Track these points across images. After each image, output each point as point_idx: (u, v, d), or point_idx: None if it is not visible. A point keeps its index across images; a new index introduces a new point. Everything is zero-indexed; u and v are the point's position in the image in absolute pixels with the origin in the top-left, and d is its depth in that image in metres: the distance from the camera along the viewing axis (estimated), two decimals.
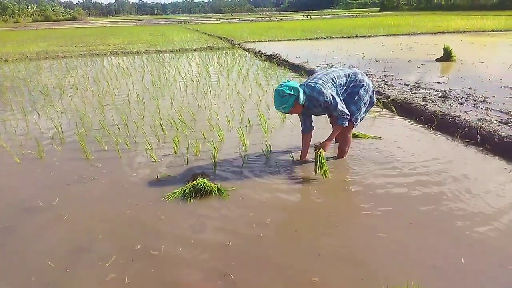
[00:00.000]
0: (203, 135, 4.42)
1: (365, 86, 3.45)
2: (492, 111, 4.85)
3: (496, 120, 4.41)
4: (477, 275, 2.09)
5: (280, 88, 3.19)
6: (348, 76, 3.43)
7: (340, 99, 3.35)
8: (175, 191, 3.10)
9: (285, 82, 3.27)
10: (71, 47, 15.12)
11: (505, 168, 3.37)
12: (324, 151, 3.38)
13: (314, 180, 3.31)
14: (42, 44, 16.85)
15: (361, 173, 3.41)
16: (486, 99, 5.39)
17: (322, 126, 4.44)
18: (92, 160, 3.88)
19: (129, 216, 2.83)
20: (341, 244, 2.41)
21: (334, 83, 3.35)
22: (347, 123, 3.40)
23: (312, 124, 3.61)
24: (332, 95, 3.26)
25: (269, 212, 2.81)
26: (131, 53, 12.81)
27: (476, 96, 5.59)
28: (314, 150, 3.44)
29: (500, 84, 6.42)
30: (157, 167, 3.66)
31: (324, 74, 3.40)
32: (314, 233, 2.55)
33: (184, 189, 3.10)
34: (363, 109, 3.51)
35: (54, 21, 73.10)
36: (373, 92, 3.56)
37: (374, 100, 3.61)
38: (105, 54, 12.64)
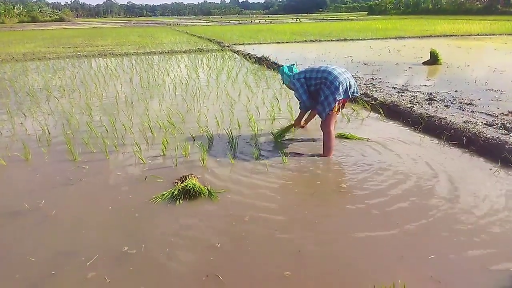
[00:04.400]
0: (192, 137, 4.41)
1: (329, 83, 3.71)
2: (477, 113, 4.94)
3: (482, 122, 4.50)
4: (463, 276, 2.13)
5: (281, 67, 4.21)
6: (318, 71, 3.86)
7: (303, 89, 3.87)
8: (164, 192, 3.09)
9: (285, 65, 4.21)
10: (58, 48, 14.93)
11: (490, 169, 3.44)
12: (294, 127, 4.27)
13: (303, 181, 3.33)
14: (29, 45, 16.60)
15: (347, 173, 3.45)
16: (472, 102, 5.49)
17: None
18: (79, 162, 3.84)
19: (116, 218, 2.81)
20: (322, 242, 2.44)
21: (305, 74, 3.92)
22: (303, 109, 4.01)
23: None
24: (294, 83, 3.93)
25: (259, 213, 2.81)
26: (120, 55, 12.71)
27: (462, 99, 5.69)
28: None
29: (485, 87, 6.54)
30: (145, 169, 3.64)
31: (310, 66, 4.12)
32: (299, 231, 2.57)
33: (173, 190, 3.09)
34: (328, 104, 3.72)
35: (41, 22, 72.08)
36: (345, 80, 3.76)
37: (350, 95, 3.82)
38: (93, 56, 12.52)
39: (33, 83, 7.97)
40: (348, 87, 3.77)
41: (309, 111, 4.10)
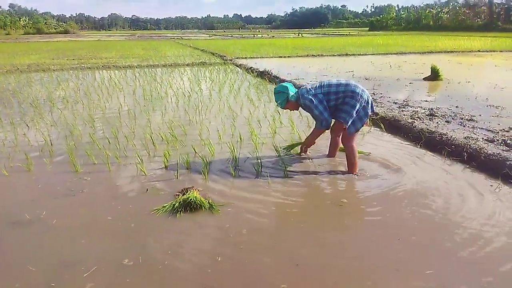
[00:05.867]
0: (194, 150, 4.43)
1: (356, 96, 3.62)
2: (478, 129, 4.96)
3: (482, 138, 4.51)
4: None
5: (276, 86, 3.90)
6: (340, 85, 3.68)
7: (324, 106, 3.65)
8: (165, 205, 3.09)
9: (283, 84, 3.88)
10: (62, 60, 15.10)
11: (491, 185, 3.44)
12: (304, 150, 4.16)
13: (305, 194, 3.34)
14: (34, 57, 16.81)
15: (348, 187, 3.45)
16: (473, 118, 5.52)
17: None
18: (81, 173, 3.85)
19: (116, 230, 2.81)
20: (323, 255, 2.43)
21: (321, 89, 3.69)
22: (322, 127, 3.76)
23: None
24: (311, 99, 3.64)
25: (259, 226, 2.81)
26: (123, 67, 12.84)
27: (463, 115, 5.71)
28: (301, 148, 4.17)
29: (486, 103, 6.58)
30: (147, 181, 3.65)
31: (319, 81, 3.86)
32: (297, 245, 2.56)
33: (173, 203, 3.09)
34: (355, 117, 3.66)
35: (46, 33, 73.00)
36: (367, 103, 3.70)
37: (369, 111, 3.75)
38: (96, 68, 12.65)
39: (36, 94, 8.04)
40: (371, 103, 3.77)
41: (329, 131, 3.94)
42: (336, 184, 3.57)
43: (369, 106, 3.73)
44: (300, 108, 3.93)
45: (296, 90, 3.88)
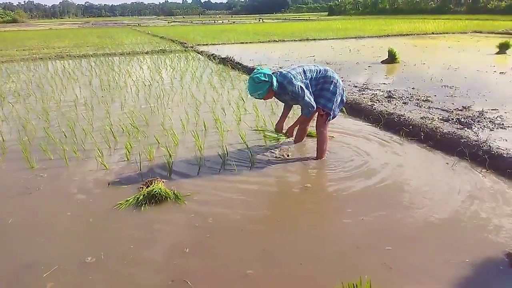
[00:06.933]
0: (157, 140, 4.32)
1: (336, 83, 3.63)
2: (434, 109, 5.17)
3: (438, 118, 4.71)
4: (422, 269, 2.22)
5: (255, 75, 3.35)
6: (320, 72, 3.60)
7: (309, 92, 3.50)
8: (128, 198, 3.00)
9: (259, 70, 3.42)
10: (11, 51, 14.16)
11: (447, 163, 3.60)
12: (288, 136, 3.89)
13: (271, 181, 3.36)
14: None
15: (314, 171, 3.51)
16: (428, 98, 5.74)
17: None
18: (37, 170, 3.66)
19: (76, 226, 2.70)
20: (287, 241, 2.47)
21: (306, 75, 3.51)
22: (310, 114, 3.60)
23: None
24: (300, 86, 3.41)
25: (225, 214, 2.80)
26: (78, 57, 12.25)
27: (419, 96, 5.93)
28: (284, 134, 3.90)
29: (440, 84, 6.86)
30: (108, 175, 3.53)
31: (298, 66, 3.59)
32: (263, 230, 2.58)
33: (137, 196, 3.01)
34: (336, 104, 3.64)
35: None
36: (343, 90, 3.73)
37: (344, 98, 3.79)
38: (49, 58, 11.99)
39: None
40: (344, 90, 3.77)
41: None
42: (302, 170, 3.61)
43: (344, 93, 3.77)
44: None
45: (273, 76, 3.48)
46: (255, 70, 3.44)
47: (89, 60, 11.27)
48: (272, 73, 3.45)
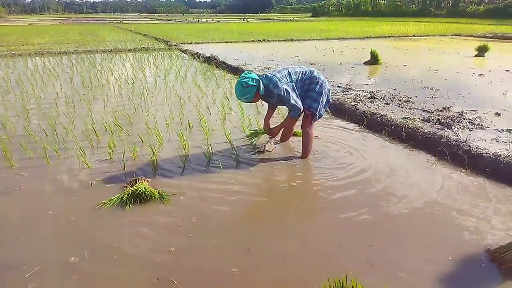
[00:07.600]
0: (141, 139, 4.28)
1: (321, 83, 3.66)
2: (415, 110, 5.28)
3: (419, 118, 4.81)
4: (403, 265, 2.27)
5: (243, 80, 3.39)
6: (305, 73, 3.64)
7: (296, 94, 3.55)
8: (112, 197, 2.96)
9: (247, 74, 3.45)
10: None
11: (428, 161, 3.69)
12: (271, 136, 3.89)
13: (256, 181, 3.37)
14: None
15: (299, 170, 3.54)
16: (410, 99, 5.86)
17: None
18: (17, 169, 3.58)
19: (59, 226, 2.65)
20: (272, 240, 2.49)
21: (291, 77, 3.55)
22: (297, 115, 3.65)
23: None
24: (286, 89, 3.45)
25: (210, 213, 2.80)
26: (58, 53, 11.99)
27: (401, 97, 6.05)
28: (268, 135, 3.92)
29: (421, 85, 7.01)
30: (91, 174, 3.47)
31: (283, 69, 3.63)
32: (248, 229, 2.60)
33: (121, 195, 2.98)
34: (321, 104, 3.67)
35: None
36: (329, 90, 3.77)
37: (330, 98, 3.83)
38: (29, 55, 11.68)
39: None
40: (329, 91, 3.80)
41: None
42: (287, 169, 3.63)
43: (330, 93, 3.81)
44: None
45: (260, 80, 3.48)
46: (242, 75, 3.46)
47: (70, 57, 11.04)
48: (259, 76, 3.48)
